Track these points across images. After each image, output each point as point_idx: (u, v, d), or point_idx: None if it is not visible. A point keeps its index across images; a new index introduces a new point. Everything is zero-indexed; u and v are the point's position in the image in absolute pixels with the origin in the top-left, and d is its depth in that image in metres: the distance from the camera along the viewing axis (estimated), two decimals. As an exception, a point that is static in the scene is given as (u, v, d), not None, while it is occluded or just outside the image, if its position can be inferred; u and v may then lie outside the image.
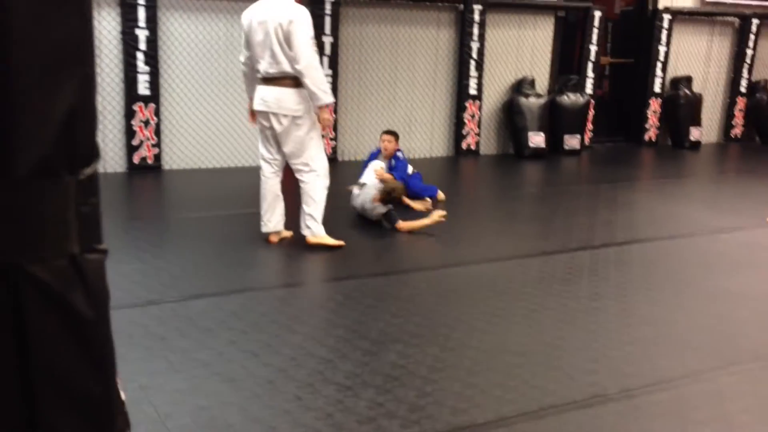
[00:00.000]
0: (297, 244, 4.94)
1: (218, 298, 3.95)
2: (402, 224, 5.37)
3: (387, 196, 5.55)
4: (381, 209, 5.46)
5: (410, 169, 6.46)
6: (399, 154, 6.40)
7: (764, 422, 2.87)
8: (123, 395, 1.48)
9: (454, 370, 3.16)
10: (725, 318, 3.93)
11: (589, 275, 4.58)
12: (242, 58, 4.88)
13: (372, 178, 5.88)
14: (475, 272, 4.62)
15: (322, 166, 4.84)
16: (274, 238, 5.01)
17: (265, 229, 5.00)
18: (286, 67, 4.59)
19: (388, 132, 6.50)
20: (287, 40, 4.54)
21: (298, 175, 4.85)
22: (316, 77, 4.59)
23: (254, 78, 4.81)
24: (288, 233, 5.06)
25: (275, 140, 4.83)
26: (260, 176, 4.97)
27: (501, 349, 3.41)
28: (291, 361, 3.19)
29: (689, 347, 3.53)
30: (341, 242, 4.90)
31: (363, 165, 6.37)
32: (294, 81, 4.63)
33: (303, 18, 4.57)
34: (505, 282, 4.43)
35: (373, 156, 6.40)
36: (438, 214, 5.38)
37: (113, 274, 4.38)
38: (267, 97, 4.70)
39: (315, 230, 4.83)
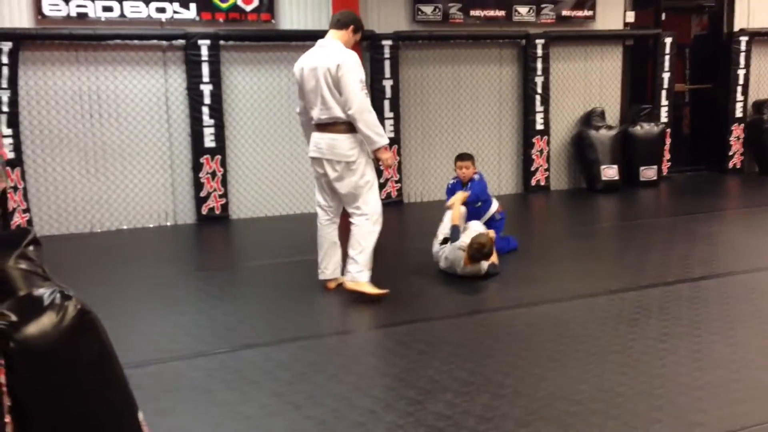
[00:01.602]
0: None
1: (268, 348, 3.91)
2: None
3: (478, 254, 5.00)
4: (481, 269, 5.10)
5: (495, 207, 5.92)
6: (476, 176, 5.82)
7: None
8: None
9: (504, 421, 2.98)
10: (810, 358, 3.60)
11: (659, 314, 4.30)
12: (298, 109, 4.91)
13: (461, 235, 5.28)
14: (536, 314, 4.43)
15: (375, 211, 4.72)
16: (331, 285, 4.96)
17: (322, 276, 4.96)
18: (338, 113, 4.55)
19: (461, 157, 5.94)
20: (336, 86, 4.52)
21: (350, 219, 4.80)
22: (369, 120, 4.52)
23: (311, 126, 4.82)
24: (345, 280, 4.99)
25: (330, 187, 4.80)
26: (317, 223, 4.95)
27: (556, 396, 3.21)
28: (333, 413, 3.10)
29: (767, 391, 3.23)
30: (384, 291, 4.68)
31: (447, 195, 5.90)
32: (346, 126, 4.58)
33: (351, 62, 4.53)
34: (567, 323, 4.21)
35: (452, 188, 5.90)
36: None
37: (170, 326, 4.43)
38: (320, 143, 4.69)
39: (355, 275, 4.66)
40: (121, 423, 1.99)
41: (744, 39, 9.58)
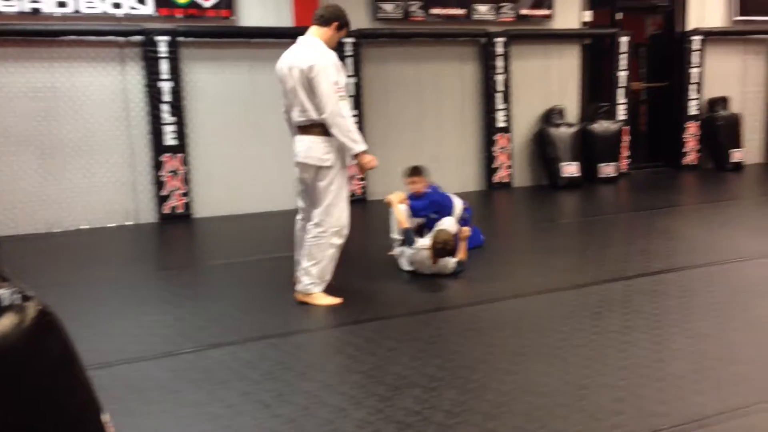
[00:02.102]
0: (325, 289, 4.82)
1: (236, 346, 3.88)
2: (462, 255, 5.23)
3: (443, 251, 5.03)
4: (449, 267, 5.14)
5: (459, 206, 5.78)
6: (428, 189, 5.67)
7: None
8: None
9: (471, 415, 3.01)
10: (766, 348, 3.70)
11: (621, 308, 4.38)
12: (282, 108, 4.71)
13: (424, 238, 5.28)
14: (501, 309, 4.47)
15: (336, 224, 4.50)
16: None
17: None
18: (313, 115, 4.37)
19: (407, 173, 5.72)
20: (311, 88, 4.33)
21: (308, 223, 4.64)
22: (343, 126, 4.30)
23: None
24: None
25: (306, 192, 4.70)
26: (294, 224, 4.87)
27: (522, 390, 3.25)
28: (302, 411, 3.09)
29: (726, 382, 3.31)
30: (337, 300, 4.56)
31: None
32: (323, 129, 4.39)
33: (325, 63, 4.29)
34: (531, 318, 4.27)
35: (412, 205, 5.66)
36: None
37: (134, 326, 4.37)
38: (298, 146, 4.54)
39: (307, 287, 4.56)
40: (84, 424, 1.96)
41: (698, 38, 9.81)
